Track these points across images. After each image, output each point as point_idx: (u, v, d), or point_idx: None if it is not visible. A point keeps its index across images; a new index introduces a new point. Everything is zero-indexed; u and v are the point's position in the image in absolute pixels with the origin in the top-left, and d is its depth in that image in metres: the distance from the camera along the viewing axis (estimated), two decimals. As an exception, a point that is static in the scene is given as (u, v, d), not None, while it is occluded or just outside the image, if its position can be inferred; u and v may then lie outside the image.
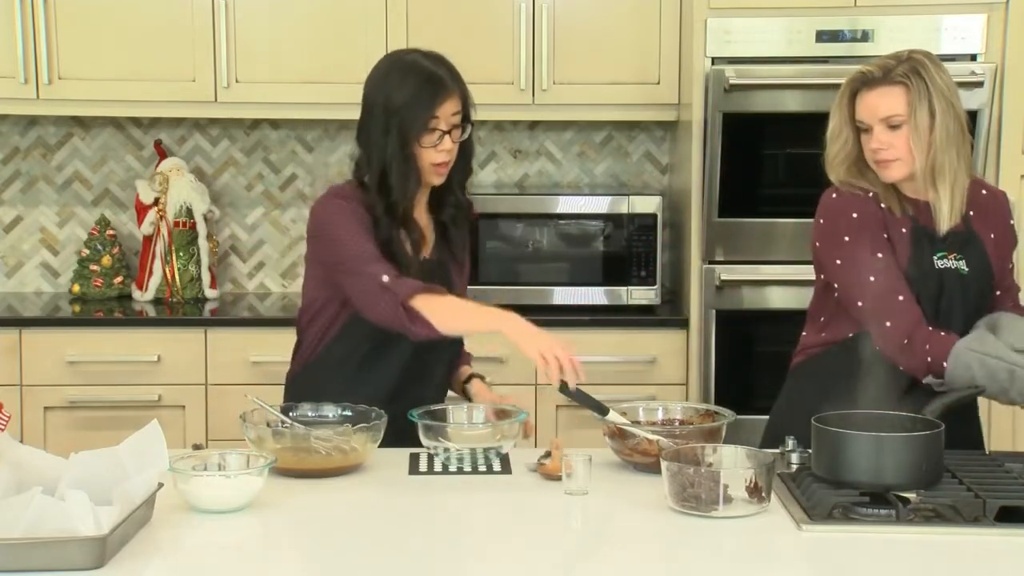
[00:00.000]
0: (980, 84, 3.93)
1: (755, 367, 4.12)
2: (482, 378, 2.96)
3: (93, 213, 4.67)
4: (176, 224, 4.48)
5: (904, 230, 2.76)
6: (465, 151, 2.81)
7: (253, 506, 2.33)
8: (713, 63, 4.02)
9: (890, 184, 2.77)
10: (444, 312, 2.62)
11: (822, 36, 4.01)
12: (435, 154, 2.73)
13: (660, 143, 4.72)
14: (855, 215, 2.76)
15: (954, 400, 2.57)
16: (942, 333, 2.67)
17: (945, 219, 2.73)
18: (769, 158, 4.21)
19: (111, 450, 2.22)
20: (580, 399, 2.58)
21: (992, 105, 3.96)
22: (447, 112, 2.73)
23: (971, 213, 2.79)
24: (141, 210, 4.53)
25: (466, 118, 2.78)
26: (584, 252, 4.29)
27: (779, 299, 4.07)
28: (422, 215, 2.82)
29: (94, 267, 4.53)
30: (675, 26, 4.29)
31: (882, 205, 2.77)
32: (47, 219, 4.71)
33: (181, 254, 4.49)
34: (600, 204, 4.29)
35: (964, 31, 3.99)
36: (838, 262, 2.78)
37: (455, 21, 4.30)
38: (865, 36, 4.00)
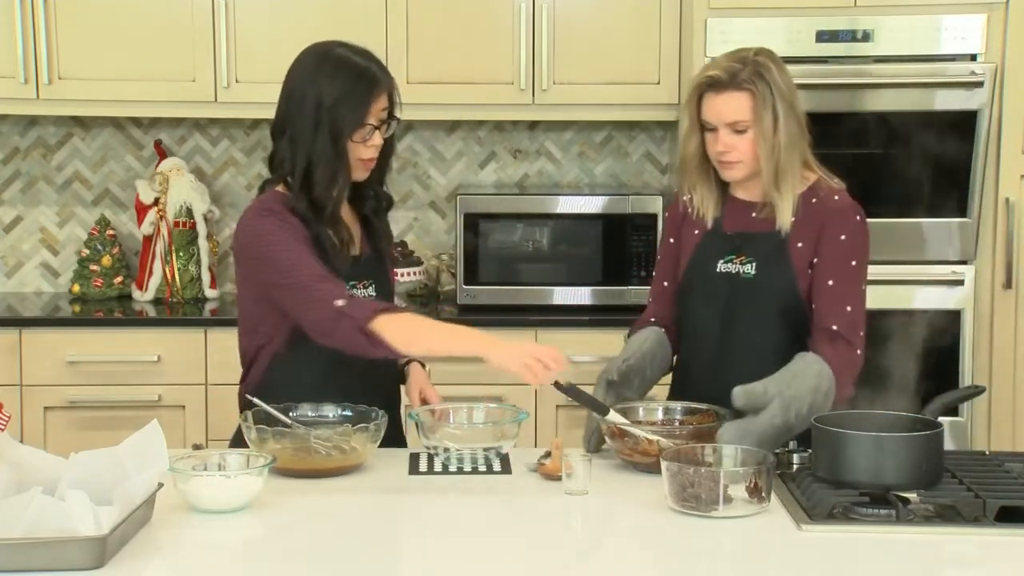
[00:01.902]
0: (980, 84, 3.93)
1: (755, 367, 4.12)
2: (422, 364, 2.93)
3: (93, 213, 4.67)
4: (176, 224, 4.49)
5: (696, 232, 2.83)
6: (387, 146, 2.76)
7: (253, 506, 2.33)
8: (713, 63, 4.02)
9: (723, 186, 2.80)
10: (406, 333, 2.55)
11: (822, 36, 4.01)
12: (363, 149, 2.69)
13: (660, 143, 4.72)
14: (667, 214, 2.96)
15: (953, 400, 2.57)
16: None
17: (786, 218, 2.72)
18: (769, 158, 4.20)
19: (111, 450, 2.22)
20: (580, 399, 2.58)
21: (992, 105, 3.96)
22: (378, 108, 2.69)
23: (793, 218, 2.74)
24: (141, 210, 4.53)
25: (391, 114, 2.74)
26: (584, 252, 4.29)
27: (779, 299, 4.07)
28: (345, 211, 2.78)
29: (94, 267, 4.53)
30: (675, 26, 4.29)
31: (688, 210, 2.84)
32: (47, 219, 4.71)
33: (181, 254, 4.49)
34: (600, 204, 4.29)
35: (964, 31, 3.99)
36: None
37: (455, 21, 4.30)
38: (865, 36, 4.00)
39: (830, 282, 2.71)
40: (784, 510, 2.32)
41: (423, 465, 2.63)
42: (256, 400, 2.64)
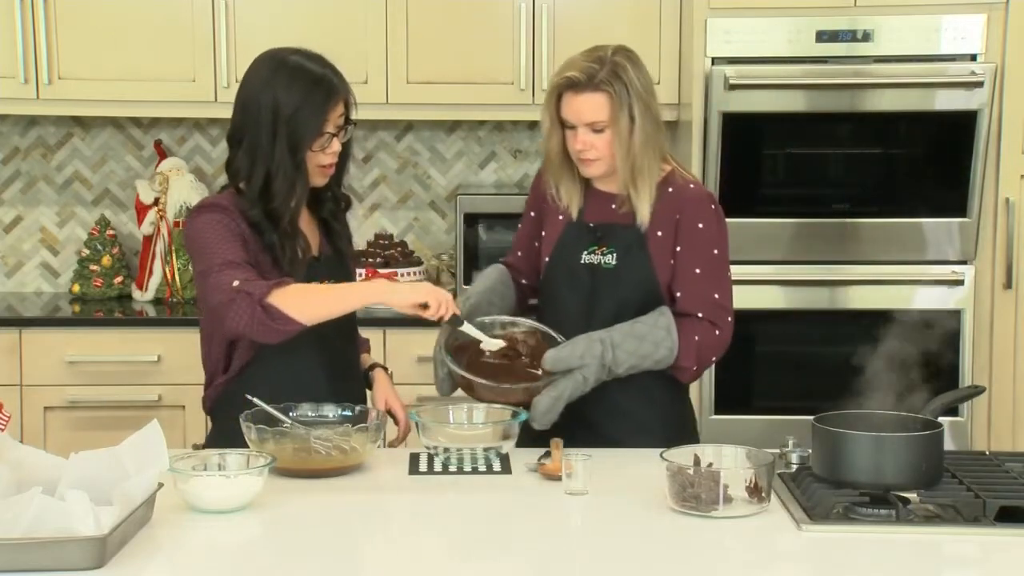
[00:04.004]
0: (980, 84, 3.93)
1: (755, 367, 4.12)
2: (385, 369, 2.95)
3: (93, 213, 4.67)
4: (176, 224, 4.49)
5: (560, 218, 2.89)
6: (344, 150, 2.77)
7: (253, 506, 2.33)
8: (713, 63, 4.02)
9: (585, 179, 2.85)
10: (304, 302, 2.56)
11: (822, 36, 4.01)
12: (322, 156, 2.69)
13: (660, 143, 4.71)
14: (531, 187, 3.02)
15: (953, 400, 2.57)
16: None
17: (646, 214, 2.78)
18: (769, 158, 4.21)
19: (111, 450, 2.22)
20: (450, 322, 2.67)
21: (992, 105, 3.96)
22: (336, 115, 2.69)
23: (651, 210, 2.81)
24: (141, 210, 4.54)
25: (348, 119, 2.74)
26: (584, 252, 4.28)
27: (778, 299, 4.06)
28: (303, 214, 2.77)
29: (94, 267, 4.53)
30: (675, 26, 4.29)
31: (550, 193, 2.89)
32: (47, 219, 4.71)
33: (181, 254, 4.49)
34: (600, 204, 4.28)
35: (964, 31, 3.99)
36: None
37: (455, 21, 4.30)
38: (865, 36, 4.00)
39: (696, 270, 2.79)
40: (784, 510, 2.32)
41: (423, 465, 2.63)
42: (256, 400, 2.63)
